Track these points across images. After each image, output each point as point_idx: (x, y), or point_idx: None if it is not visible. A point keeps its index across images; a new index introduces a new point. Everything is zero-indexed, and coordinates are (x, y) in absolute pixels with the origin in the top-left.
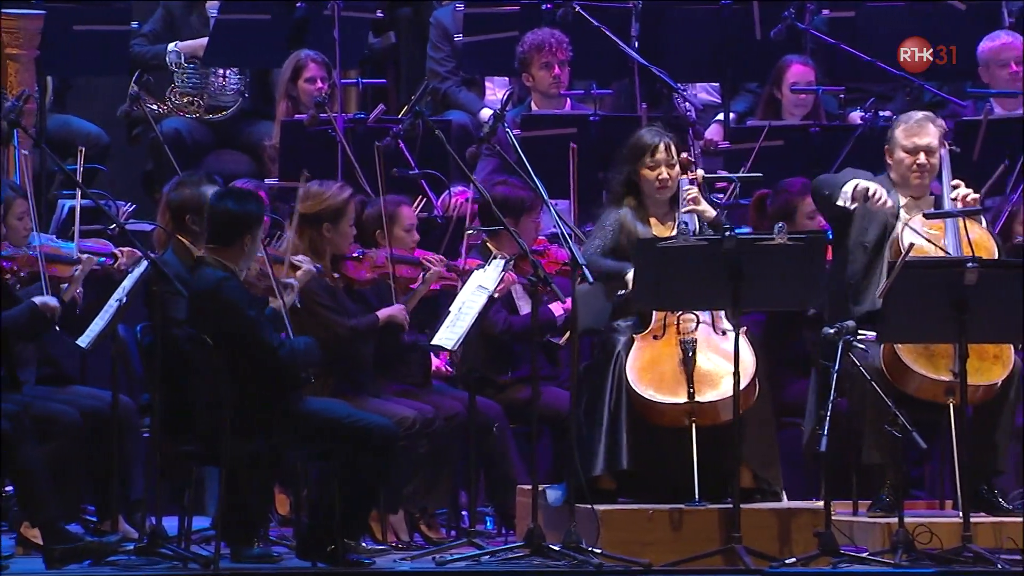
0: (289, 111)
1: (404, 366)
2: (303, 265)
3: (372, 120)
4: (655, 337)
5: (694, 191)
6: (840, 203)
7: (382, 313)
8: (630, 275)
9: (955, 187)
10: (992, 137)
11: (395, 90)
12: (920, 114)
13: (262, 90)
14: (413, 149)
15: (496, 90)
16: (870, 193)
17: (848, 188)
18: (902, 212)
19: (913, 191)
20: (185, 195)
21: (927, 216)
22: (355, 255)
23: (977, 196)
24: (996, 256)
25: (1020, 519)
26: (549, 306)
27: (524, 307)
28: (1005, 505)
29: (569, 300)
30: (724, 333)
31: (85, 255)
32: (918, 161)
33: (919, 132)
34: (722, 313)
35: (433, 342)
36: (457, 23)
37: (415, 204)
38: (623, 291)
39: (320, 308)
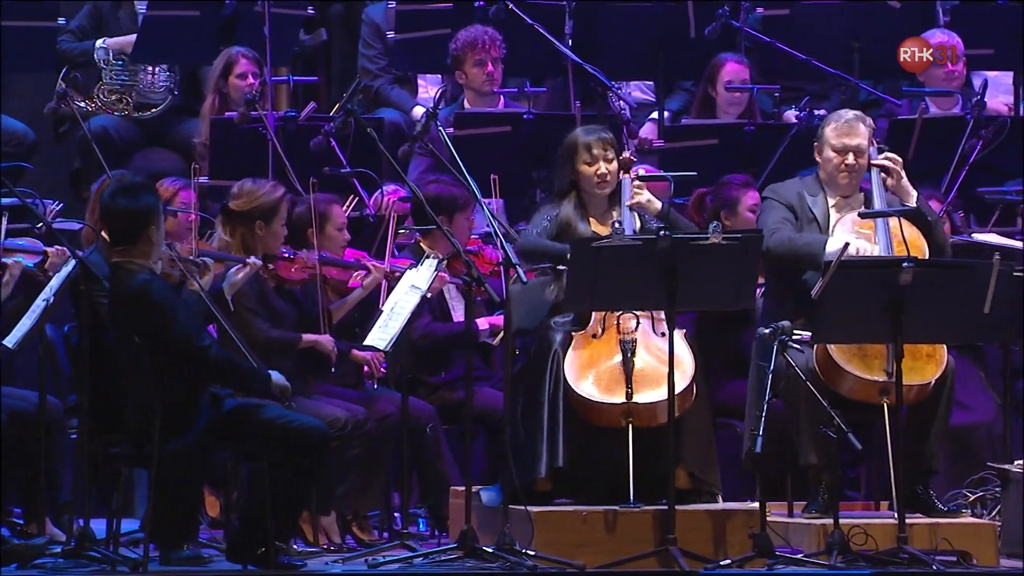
0: (219, 107)
1: (328, 369)
2: (250, 261)
3: (303, 118)
4: (594, 336)
5: (637, 184)
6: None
7: (308, 337)
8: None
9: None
10: (927, 136)
11: (326, 88)
12: (851, 114)
13: (192, 87)
14: (345, 147)
15: (429, 88)
16: (855, 252)
17: (832, 252)
18: (832, 212)
19: (841, 190)
20: None
21: (862, 216)
22: (286, 255)
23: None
24: (927, 255)
25: (956, 520)
26: (475, 320)
27: (458, 308)
28: (941, 506)
29: (495, 318)
30: (663, 335)
31: (12, 260)
32: (847, 161)
33: (849, 132)
34: (662, 313)
35: (365, 343)
36: (389, 20)
37: (347, 203)
38: (557, 293)
39: (245, 311)
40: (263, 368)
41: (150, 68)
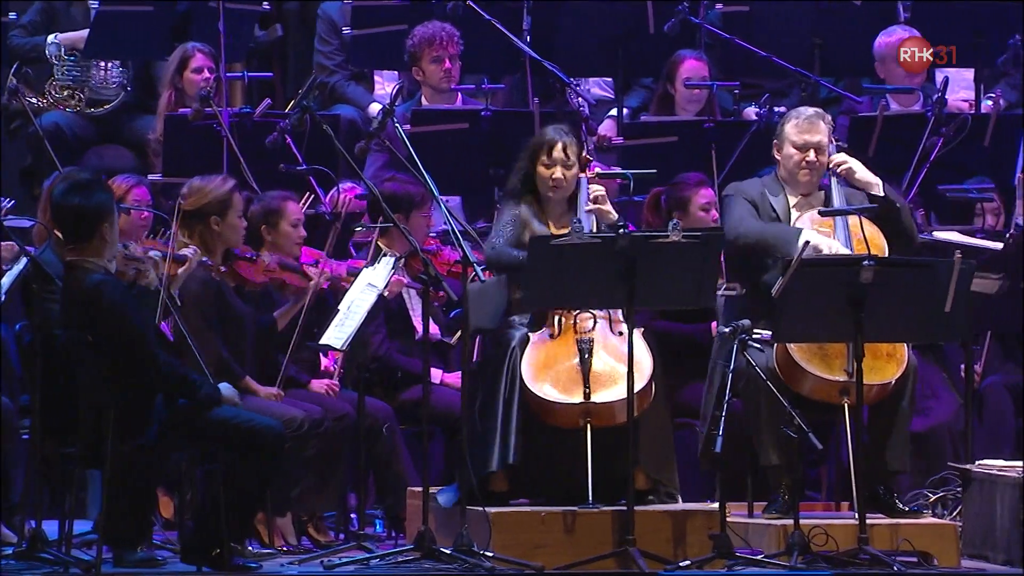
0: (173, 104)
1: (291, 366)
2: (188, 254)
3: (258, 115)
4: (551, 336)
5: (600, 190)
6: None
7: (251, 383)
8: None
9: (839, 164)
10: (888, 133)
11: (282, 84)
12: (811, 111)
13: (145, 83)
14: (300, 144)
15: (385, 84)
16: (825, 252)
17: (801, 244)
18: (793, 211)
19: (801, 188)
20: None
21: (821, 214)
22: (248, 256)
23: (848, 165)
24: (887, 253)
25: (917, 521)
26: (433, 370)
27: (416, 307)
28: (902, 506)
29: (450, 375)
30: (621, 334)
31: None
32: (807, 158)
33: (810, 129)
34: (619, 313)
35: (321, 341)
36: (345, 16)
37: (303, 200)
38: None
39: (201, 321)
40: (210, 380)
41: (102, 64)
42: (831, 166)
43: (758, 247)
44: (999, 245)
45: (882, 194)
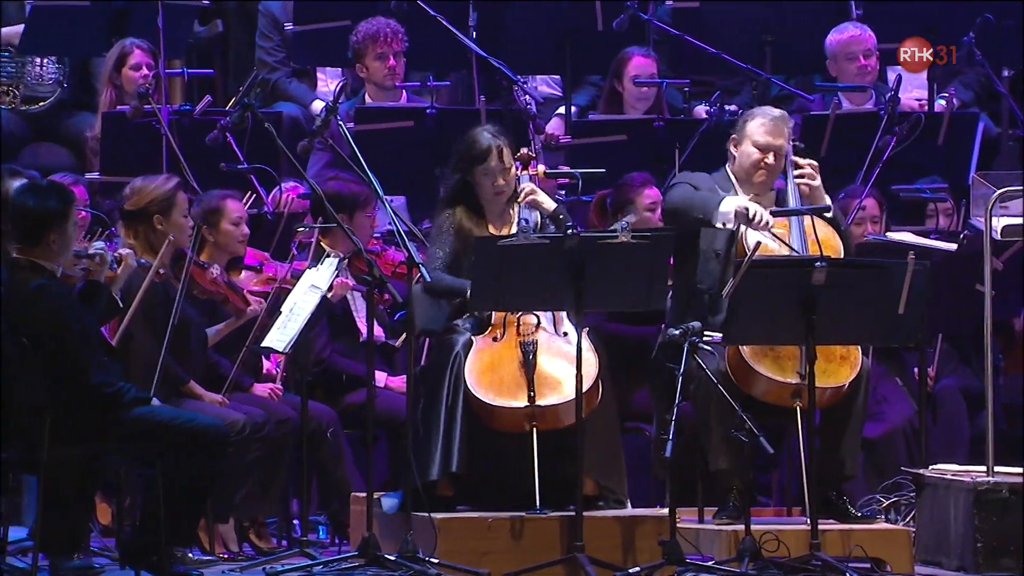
0: (112, 101)
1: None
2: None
3: (198, 112)
4: (494, 339)
5: (529, 187)
6: (719, 225)
7: (195, 388)
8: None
9: (798, 165)
10: (840, 132)
11: (222, 81)
12: (777, 113)
13: (83, 80)
14: (242, 143)
15: (329, 81)
16: (751, 214)
17: (727, 209)
18: None
19: (755, 188)
20: None
21: (774, 214)
22: (203, 264)
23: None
24: (842, 254)
25: (870, 526)
26: (377, 373)
27: (360, 309)
28: (854, 512)
29: (394, 379)
30: (565, 335)
31: None
32: (767, 160)
33: (775, 132)
34: (563, 314)
35: (264, 344)
36: (287, 12)
37: (244, 200)
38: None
39: (144, 325)
40: (143, 394)
41: (38, 60)
42: (793, 171)
43: (681, 214)
44: (953, 246)
45: (828, 204)
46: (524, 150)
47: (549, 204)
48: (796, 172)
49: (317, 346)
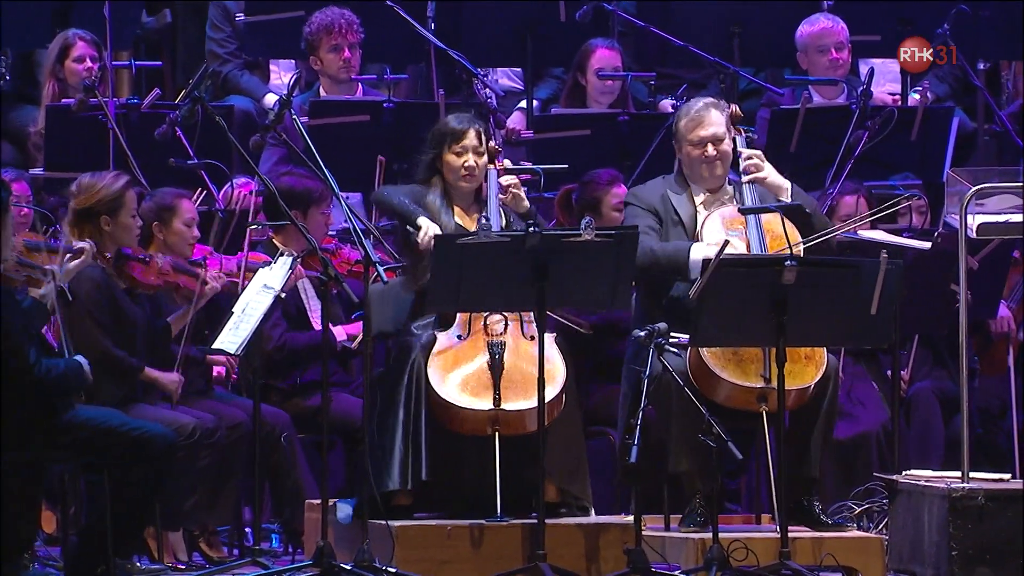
0: (56, 94)
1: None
2: (84, 247)
3: (146, 106)
4: (460, 337)
5: (512, 178)
6: (696, 277)
7: (151, 372)
8: (421, 220)
9: (748, 157)
10: (811, 127)
11: (171, 73)
12: (700, 102)
13: (25, 72)
14: (192, 137)
15: (282, 74)
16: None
17: (696, 258)
18: (700, 208)
19: (707, 184)
20: None
21: (743, 212)
22: (141, 257)
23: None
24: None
25: (841, 534)
26: (332, 328)
27: (315, 308)
28: (825, 519)
29: (352, 325)
30: (532, 338)
31: None
32: (706, 153)
33: (701, 123)
34: (531, 315)
35: (214, 346)
36: (239, 2)
37: (194, 197)
38: (412, 229)
39: (90, 320)
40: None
41: None
42: (743, 166)
43: (651, 272)
44: (927, 244)
45: (789, 200)
46: (492, 144)
47: (526, 203)
48: (742, 164)
49: (274, 336)
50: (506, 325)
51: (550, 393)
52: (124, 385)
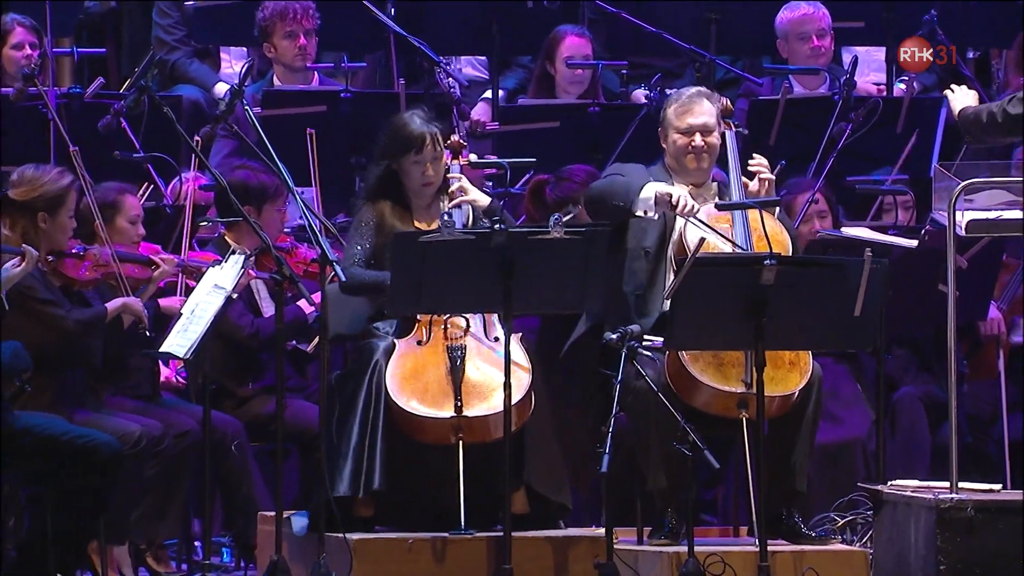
0: None
1: (128, 375)
2: (30, 252)
3: (90, 95)
4: (419, 343)
5: (459, 181)
6: (640, 213)
7: (113, 304)
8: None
9: (753, 174)
10: (791, 119)
11: (116, 61)
12: (692, 90)
13: None
14: (138, 129)
15: (233, 62)
16: (674, 200)
17: (647, 195)
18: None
19: (692, 177)
20: None
21: (719, 207)
22: (75, 251)
23: (771, 177)
24: (791, 251)
25: (824, 547)
26: (297, 304)
27: (268, 309)
28: (807, 531)
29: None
30: (496, 340)
31: None
32: (693, 143)
33: (692, 110)
34: (494, 317)
35: (162, 349)
36: None
37: (141, 192)
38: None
39: (38, 304)
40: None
41: None
42: (754, 168)
43: (601, 200)
44: (914, 242)
45: (777, 197)
46: (454, 137)
47: (482, 200)
48: (752, 169)
49: (244, 325)
50: (467, 328)
51: (515, 396)
52: (99, 339)
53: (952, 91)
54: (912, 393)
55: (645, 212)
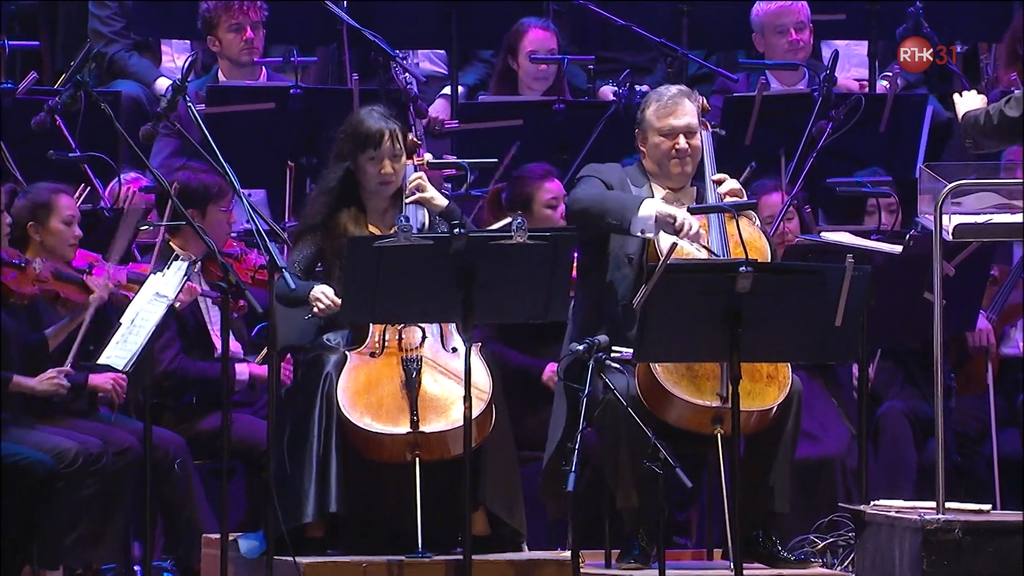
0: None
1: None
2: None
3: (22, 91)
4: (372, 355)
5: (419, 178)
6: (637, 233)
7: (20, 380)
8: (316, 291)
9: (719, 182)
10: (768, 117)
11: (50, 55)
12: (674, 89)
13: None
14: (73, 127)
15: (175, 56)
16: (677, 225)
17: (647, 214)
18: None
19: (673, 180)
20: None
21: (692, 211)
22: (17, 263)
23: (740, 187)
24: (769, 258)
25: (802, 571)
26: (237, 366)
27: (214, 319)
28: (785, 554)
29: (258, 367)
30: (454, 351)
31: None
32: (677, 145)
33: (674, 111)
34: (452, 327)
35: (100, 360)
36: None
37: (77, 193)
38: (311, 315)
39: None
40: None
41: None
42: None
43: (591, 215)
44: (898, 248)
45: (754, 200)
46: (411, 136)
47: (440, 200)
48: (720, 190)
49: (165, 359)
50: (423, 338)
51: (475, 410)
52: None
53: (960, 96)
54: (897, 408)
55: (643, 232)
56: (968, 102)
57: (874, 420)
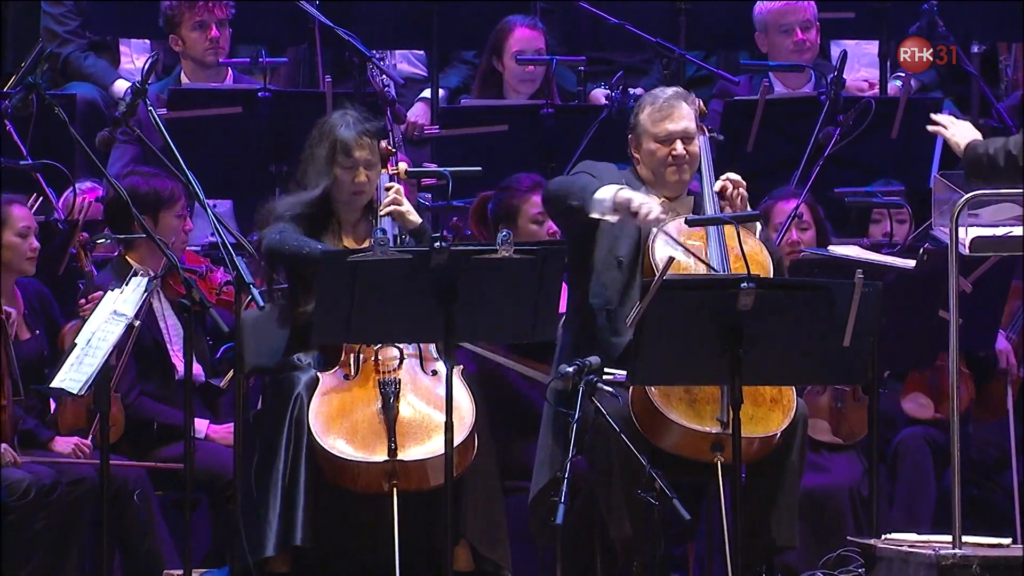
0: None
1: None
2: None
3: None
4: (346, 377)
5: (396, 190)
6: (596, 215)
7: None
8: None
9: (721, 191)
10: (771, 122)
11: None
12: (669, 91)
13: None
14: (25, 132)
15: (135, 57)
16: (634, 206)
17: (604, 196)
18: None
19: (669, 189)
20: None
21: (689, 223)
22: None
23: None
24: (772, 273)
25: None
26: (197, 422)
27: (176, 339)
28: None
29: (221, 427)
30: (435, 373)
31: None
32: (674, 151)
33: (670, 115)
34: (432, 348)
35: (53, 384)
36: None
37: (30, 203)
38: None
39: None
40: None
41: None
42: (718, 184)
43: (559, 194)
44: (911, 263)
45: (757, 211)
46: (384, 143)
47: (414, 217)
48: (717, 188)
49: (121, 388)
50: (401, 360)
51: (456, 438)
52: None
53: (944, 126)
54: (917, 434)
55: (602, 214)
56: (962, 131)
57: (892, 447)
